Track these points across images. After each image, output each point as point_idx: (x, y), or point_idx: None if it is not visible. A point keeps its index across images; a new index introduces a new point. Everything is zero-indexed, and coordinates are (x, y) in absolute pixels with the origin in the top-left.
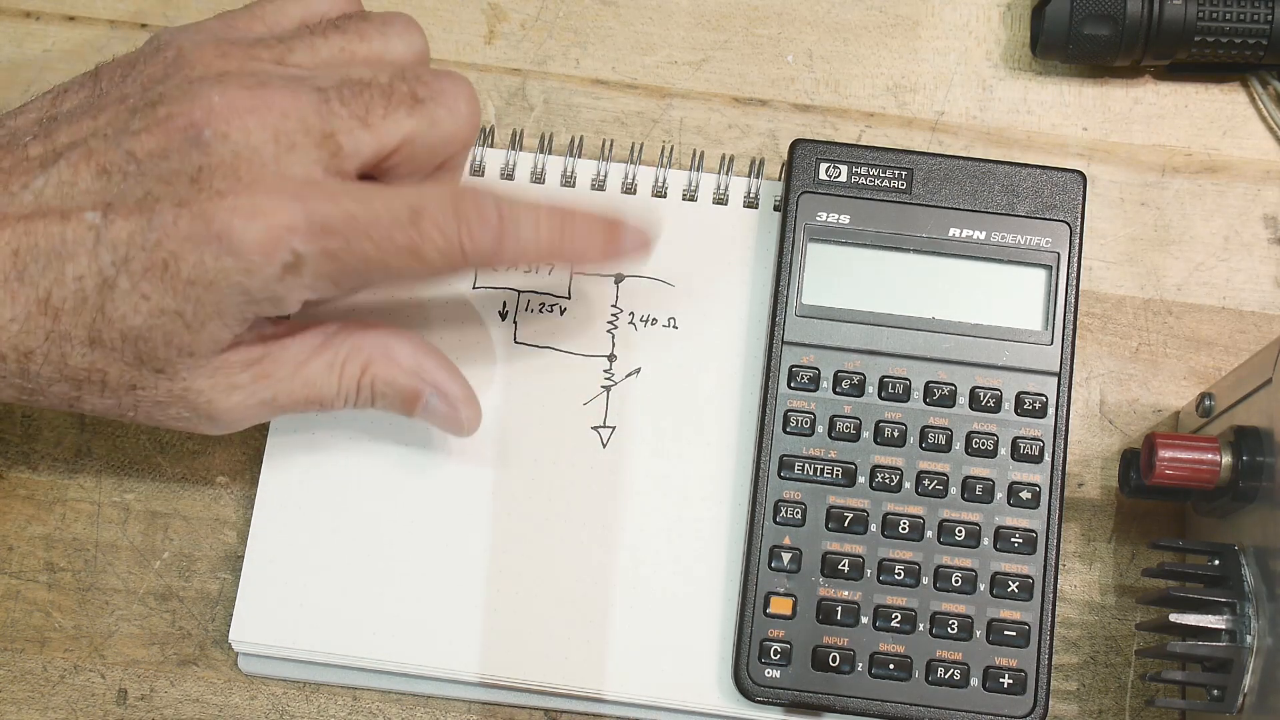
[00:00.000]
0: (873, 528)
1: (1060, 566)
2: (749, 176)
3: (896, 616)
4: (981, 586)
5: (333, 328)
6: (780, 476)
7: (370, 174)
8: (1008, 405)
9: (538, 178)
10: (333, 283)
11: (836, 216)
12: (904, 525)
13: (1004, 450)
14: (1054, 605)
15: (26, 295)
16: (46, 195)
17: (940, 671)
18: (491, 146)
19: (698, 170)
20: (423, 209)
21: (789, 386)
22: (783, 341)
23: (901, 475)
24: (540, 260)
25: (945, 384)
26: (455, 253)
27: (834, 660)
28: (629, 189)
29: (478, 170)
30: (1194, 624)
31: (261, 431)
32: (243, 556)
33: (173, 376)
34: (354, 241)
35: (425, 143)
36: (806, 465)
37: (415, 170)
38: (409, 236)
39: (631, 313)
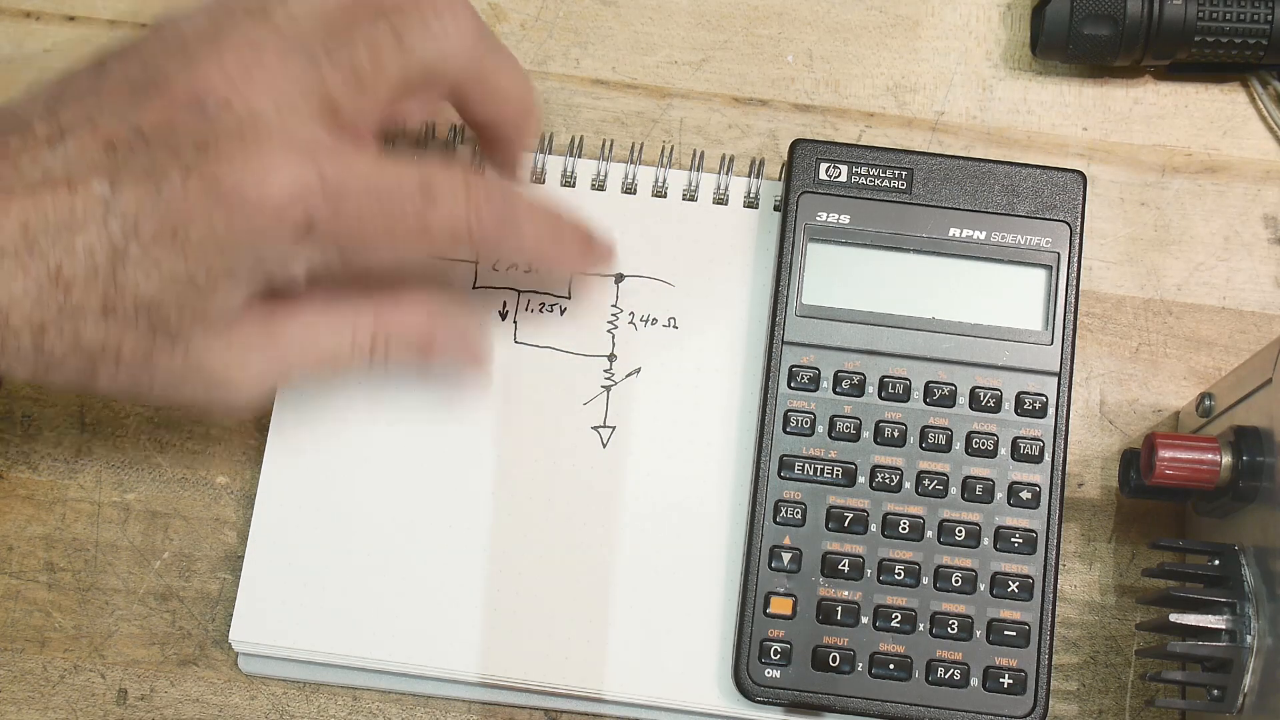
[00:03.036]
0: (873, 528)
1: (1060, 566)
2: (749, 176)
3: (896, 616)
4: (981, 586)
5: (339, 289)
6: (780, 476)
7: (387, 123)
8: (1008, 405)
9: (538, 178)
10: (339, 249)
11: (836, 216)
12: (904, 525)
13: (1004, 450)
14: (1054, 605)
15: (37, 268)
16: (54, 169)
17: (940, 671)
18: None
19: (698, 170)
20: (434, 184)
21: (789, 386)
22: (783, 341)
23: (901, 475)
24: (526, 256)
25: (945, 384)
26: (461, 232)
27: (834, 660)
28: (629, 189)
29: (478, 171)
30: (1194, 624)
31: (261, 431)
32: (243, 556)
33: (188, 344)
34: (366, 207)
35: (421, 78)
36: (806, 465)
37: (430, 97)
38: (418, 209)
39: (631, 313)
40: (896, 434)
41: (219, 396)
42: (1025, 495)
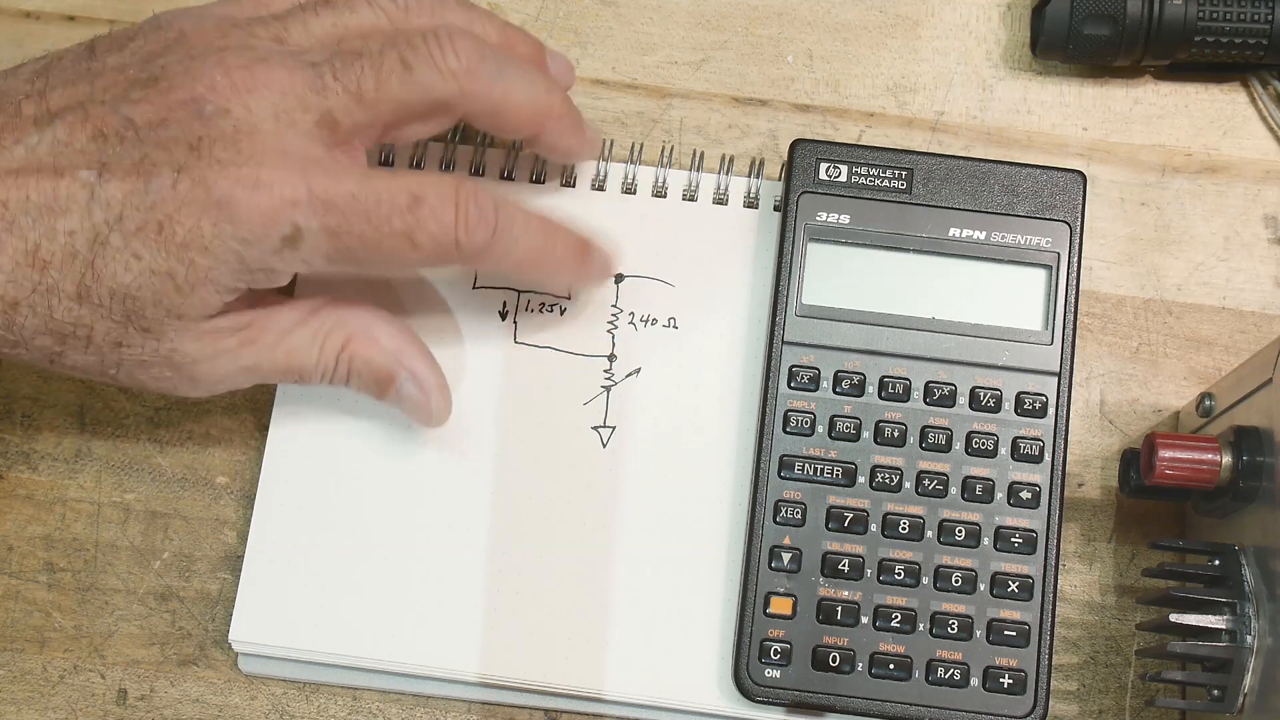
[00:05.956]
0: (873, 528)
1: (1060, 566)
2: (749, 176)
3: (896, 616)
4: (981, 586)
5: (320, 301)
6: (780, 476)
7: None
8: (1008, 405)
9: (537, 178)
10: (327, 260)
11: (836, 216)
12: (904, 525)
13: (1004, 450)
14: (1054, 605)
15: (14, 246)
16: (40, 152)
17: (940, 671)
18: (492, 147)
19: (698, 170)
20: (423, 197)
21: (789, 386)
22: (783, 341)
23: (901, 475)
24: (521, 267)
25: (945, 384)
26: (449, 243)
27: (834, 660)
28: (629, 189)
29: (477, 171)
30: (1194, 624)
31: (261, 431)
32: (243, 556)
33: (159, 337)
34: (353, 220)
35: (425, 107)
36: (806, 465)
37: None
38: (406, 222)
39: (631, 313)
40: (896, 434)
41: (182, 388)
42: (1025, 495)
